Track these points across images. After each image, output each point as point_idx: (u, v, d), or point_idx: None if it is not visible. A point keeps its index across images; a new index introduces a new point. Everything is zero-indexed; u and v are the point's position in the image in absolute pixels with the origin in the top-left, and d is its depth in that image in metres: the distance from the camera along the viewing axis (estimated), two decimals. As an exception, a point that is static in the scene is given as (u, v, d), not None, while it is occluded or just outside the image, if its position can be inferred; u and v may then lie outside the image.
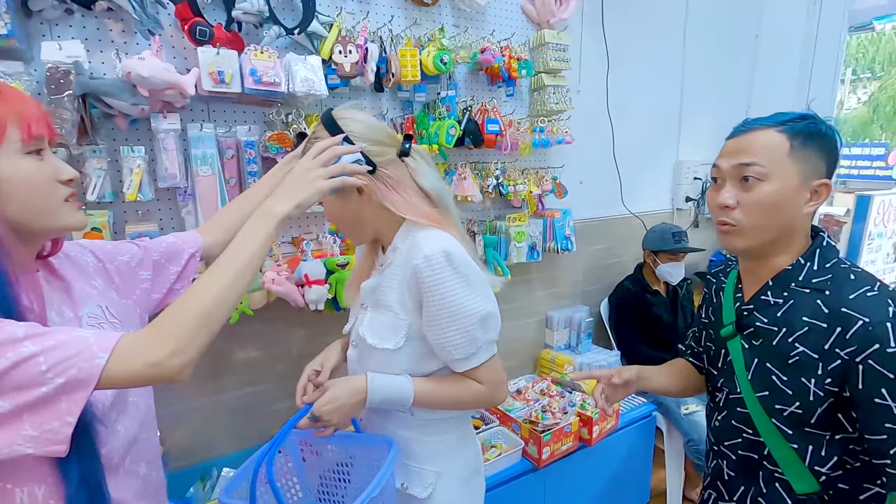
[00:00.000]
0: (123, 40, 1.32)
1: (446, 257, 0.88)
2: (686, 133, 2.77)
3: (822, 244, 0.91)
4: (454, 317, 0.89)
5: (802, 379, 0.85)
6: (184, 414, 1.56)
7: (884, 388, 0.78)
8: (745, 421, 0.95)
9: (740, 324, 0.95)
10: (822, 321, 0.84)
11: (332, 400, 0.92)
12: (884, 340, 0.77)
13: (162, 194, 1.40)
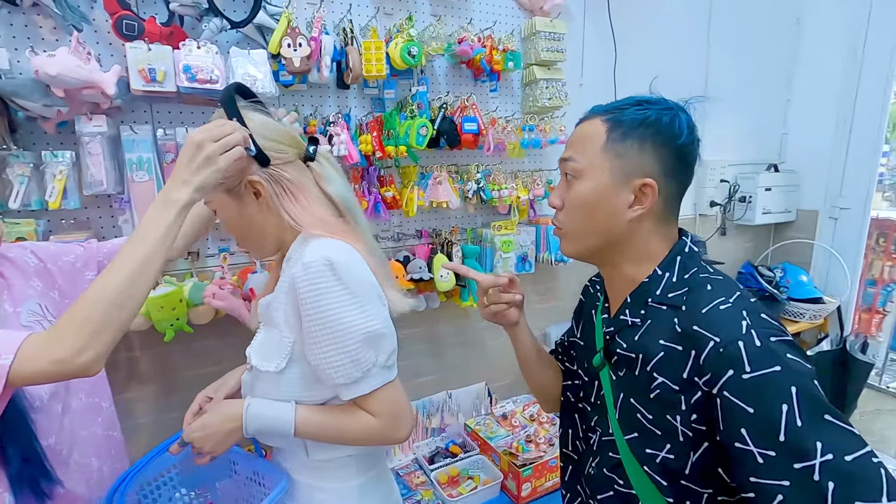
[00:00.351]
0: (55, 38, 1.24)
1: (328, 266, 0.77)
2: (711, 130, 2.48)
3: (683, 250, 0.77)
4: (333, 334, 0.78)
5: (668, 416, 0.69)
6: (133, 430, 1.47)
7: (743, 428, 0.60)
8: (616, 469, 0.78)
9: (607, 350, 0.80)
10: (677, 343, 0.69)
11: (202, 427, 0.86)
12: (737, 364, 0.61)
13: (93, 202, 1.31)
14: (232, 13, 1.37)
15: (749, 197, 2.55)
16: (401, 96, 1.63)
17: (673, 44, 2.26)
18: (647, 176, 0.72)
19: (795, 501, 0.56)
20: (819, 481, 0.54)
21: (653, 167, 0.72)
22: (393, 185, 1.64)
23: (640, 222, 0.75)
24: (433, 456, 1.79)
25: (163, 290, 1.33)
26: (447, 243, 1.75)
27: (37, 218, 1.24)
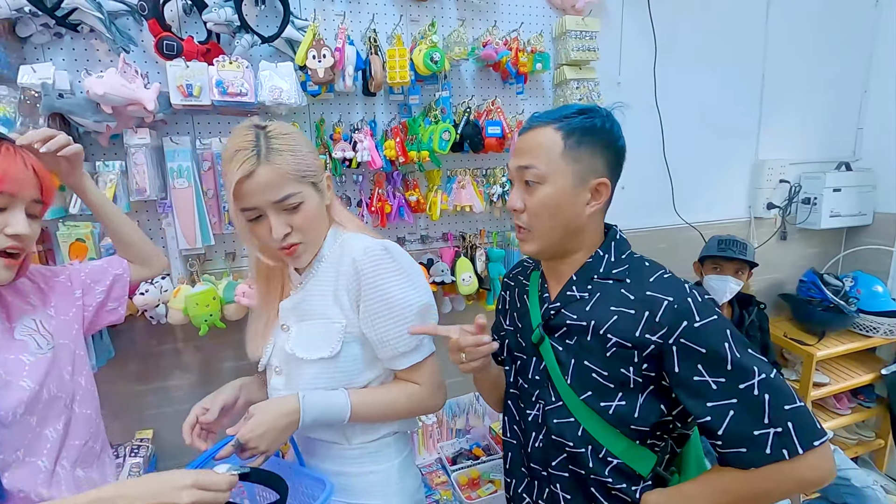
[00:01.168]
0: (109, 59, 1.38)
1: (385, 251, 0.91)
2: (770, 126, 2.30)
3: (615, 237, 0.92)
4: (393, 309, 0.89)
5: (622, 370, 0.82)
6: (173, 416, 1.61)
7: (699, 365, 0.76)
8: (566, 432, 0.87)
9: (549, 325, 0.91)
10: (629, 308, 0.82)
11: (256, 427, 0.86)
12: (690, 316, 0.77)
13: (141, 206, 1.45)
14: (264, 29, 1.45)
15: (814, 199, 2.34)
16: (426, 102, 1.65)
17: (723, 33, 2.12)
18: (600, 176, 0.85)
19: (742, 413, 0.73)
20: (758, 395, 0.73)
21: (603, 168, 0.85)
22: (417, 189, 1.67)
23: (594, 215, 0.87)
24: (456, 457, 1.80)
25: (200, 288, 1.44)
26: (472, 247, 1.75)
27: (93, 221, 1.38)
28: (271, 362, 1.00)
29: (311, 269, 0.96)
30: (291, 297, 0.97)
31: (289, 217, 0.86)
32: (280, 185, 0.84)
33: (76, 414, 0.90)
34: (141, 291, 1.41)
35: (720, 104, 2.17)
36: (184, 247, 1.45)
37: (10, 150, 0.79)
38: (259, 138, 0.85)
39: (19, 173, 0.78)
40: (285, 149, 0.85)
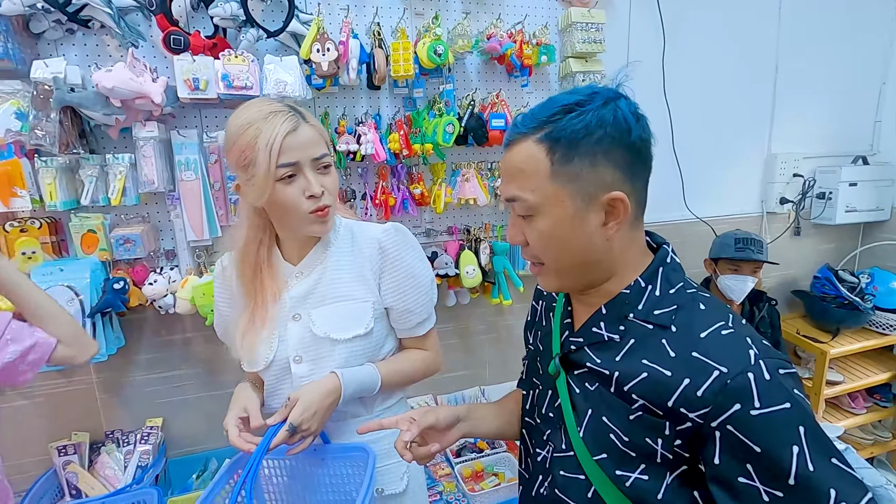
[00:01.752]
0: (119, 55, 1.41)
1: (399, 231, 1.00)
2: (783, 119, 2.25)
3: (665, 260, 0.69)
4: (415, 279, 0.99)
5: (648, 440, 0.63)
6: (182, 405, 1.65)
7: (749, 464, 0.56)
8: (571, 491, 0.71)
9: (568, 359, 0.73)
10: (665, 367, 0.62)
11: (306, 408, 0.87)
12: (746, 398, 0.56)
13: (151, 198, 1.48)
14: (270, 23, 1.47)
15: (829, 193, 2.29)
16: (430, 95, 1.66)
17: (734, 23, 2.08)
18: (611, 189, 0.63)
19: None
20: None
21: (614, 175, 0.63)
22: (422, 182, 1.68)
23: (619, 237, 0.66)
24: (460, 450, 1.81)
25: (207, 279, 1.47)
26: (476, 240, 1.75)
27: (104, 213, 1.42)
28: (287, 354, 0.98)
29: (314, 256, 0.97)
30: (298, 287, 0.96)
31: (321, 177, 0.89)
32: (318, 143, 0.89)
33: None
34: (150, 282, 1.44)
35: (731, 96, 2.14)
36: (191, 238, 1.47)
37: None
38: (287, 106, 0.89)
39: None
40: (313, 118, 0.91)
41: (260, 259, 0.96)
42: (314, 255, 0.97)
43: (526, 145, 0.64)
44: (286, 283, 0.98)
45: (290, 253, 0.99)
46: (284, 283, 0.98)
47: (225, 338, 1.07)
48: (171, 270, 1.49)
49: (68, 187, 1.36)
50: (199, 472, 1.64)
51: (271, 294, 0.95)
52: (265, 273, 0.96)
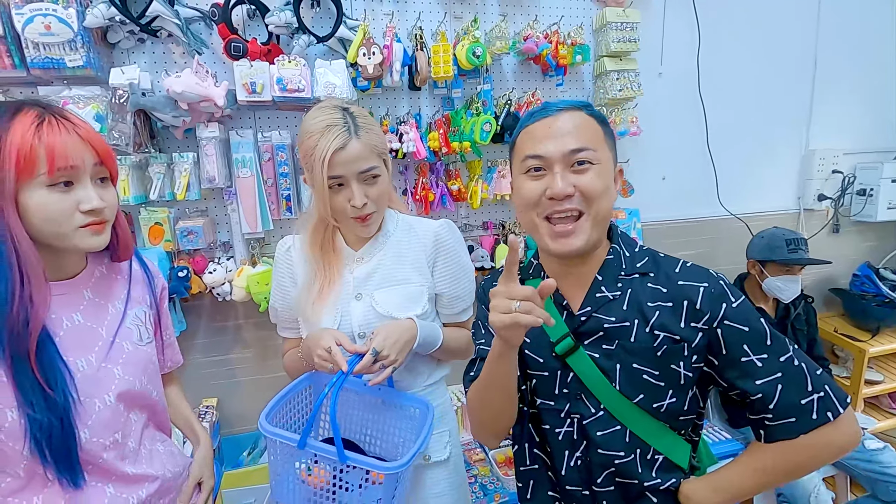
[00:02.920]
0: (184, 61, 1.53)
1: (451, 226, 1.12)
2: (822, 114, 2.23)
3: (618, 231, 0.88)
4: (465, 270, 1.11)
5: (672, 366, 0.79)
6: (234, 387, 1.77)
7: (745, 344, 0.77)
8: (614, 442, 0.81)
9: (577, 333, 0.82)
10: (665, 301, 0.80)
11: (387, 336, 0.94)
12: (726, 298, 0.78)
13: (210, 194, 1.60)
14: (319, 29, 1.57)
15: (870, 190, 2.25)
16: (468, 95, 1.73)
17: (773, 18, 2.08)
18: (617, 163, 0.85)
19: (789, 385, 0.74)
20: (797, 365, 0.75)
21: (616, 156, 0.84)
22: (459, 179, 1.75)
23: None
24: (493, 437, 1.87)
25: (260, 269, 1.58)
26: (511, 234, 1.81)
27: (169, 207, 1.54)
28: (350, 329, 1.04)
29: (375, 244, 1.06)
30: (361, 268, 1.05)
31: (367, 188, 0.97)
32: (367, 157, 0.95)
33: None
34: (209, 270, 1.56)
35: (768, 91, 2.13)
36: (246, 231, 1.59)
37: (52, 122, 0.73)
38: (346, 117, 0.95)
39: (68, 144, 0.72)
40: (368, 127, 0.97)
41: (326, 240, 1.06)
42: (374, 243, 1.07)
43: (579, 113, 0.79)
44: (348, 264, 1.07)
45: (352, 240, 1.08)
46: (346, 263, 1.07)
47: (283, 313, 1.14)
48: (227, 260, 1.61)
49: (139, 184, 1.48)
50: (250, 449, 1.76)
51: (337, 270, 1.05)
52: (330, 252, 1.06)
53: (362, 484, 0.88)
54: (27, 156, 0.70)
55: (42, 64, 1.30)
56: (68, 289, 0.81)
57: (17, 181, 0.70)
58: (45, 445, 0.74)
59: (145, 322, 0.92)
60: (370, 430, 1.09)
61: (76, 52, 1.32)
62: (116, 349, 0.85)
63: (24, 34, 1.27)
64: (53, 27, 1.28)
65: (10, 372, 0.71)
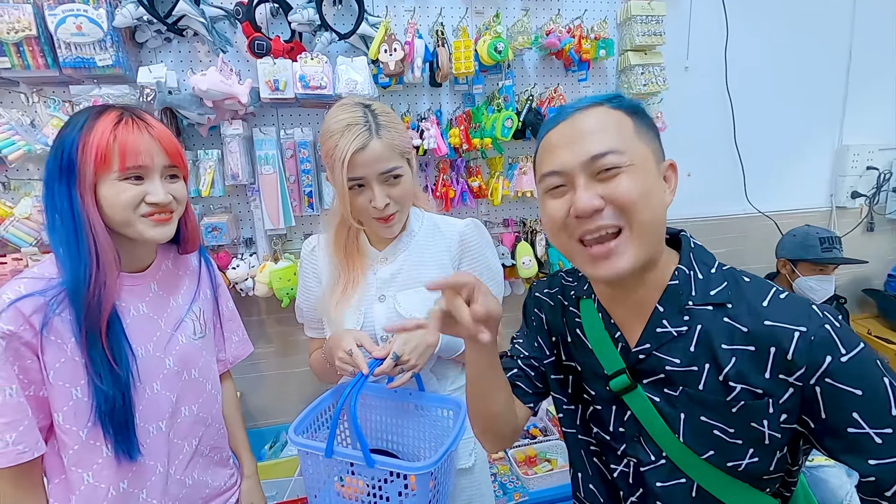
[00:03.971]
0: (209, 60, 1.56)
1: (479, 226, 1.09)
2: (856, 109, 2.15)
3: (691, 245, 0.70)
4: (492, 272, 1.07)
5: (753, 424, 0.63)
6: (257, 381, 1.79)
7: (855, 412, 0.57)
8: (677, 497, 0.69)
9: (635, 369, 0.69)
10: (746, 344, 0.62)
11: (408, 340, 0.92)
12: (833, 349, 0.58)
13: (233, 190, 1.62)
14: (341, 26, 1.57)
15: (907, 187, 2.17)
16: (489, 91, 1.72)
17: (805, 8, 2.01)
18: (665, 158, 0.67)
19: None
20: None
21: (661, 149, 0.67)
22: (480, 176, 1.74)
23: None
24: (513, 435, 1.86)
25: (282, 265, 1.60)
26: (532, 232, 1.80)
27: (194, 203, 1.57)
28: (373, 331, 1.02)
29: (399, 244, 1.04)
30: (385, 269, 1.03)
31: (388, 188, 0.94)
32: (388, 158, 0.92)
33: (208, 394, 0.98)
34: (233, 266, 1.58)
35: (799, 85, 2.07)
36: (269, 227, 1.60)
37: (129, 122, 0.80)
38: (367, 115, 0.93)
39: (140, 142, 0.79)
40: (391, 125, 0.94)
41: (350, 240, 1.05)
42: (398, 243, 1.04)
43: (602, 109, 0.65)
44: (371, 265, 1.06)
45: (376, 240, 1.06)
46: (370, 264, 1.06)
47: (308, 313, 1.14)
48: (250, 256, 1.63)
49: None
50: (272, 443, 1.78)
51: (360, 271, 1.04)
52: (354, 253, 1.05)
53: (402, 492, 0.85)
54: (104, 152, 0.78)
55: (74, 63, 1.33)
56: (137, 281, 0.89)
57: (96, 174, 0.78)
58: (108, 418, 0.81)
59: (201, 317, 0.99)
60: (392, 437, 1.07)
61: (106, 52, 1.34)
62: (172, 341, 0.92)
63: (56, 34, 1.30)
64: (84, 27, 1.31)
65: (83, 346, 0.79)
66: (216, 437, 1.02)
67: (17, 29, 1.29)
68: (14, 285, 0.78)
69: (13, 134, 1.36)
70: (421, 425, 1.03)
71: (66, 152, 0.78)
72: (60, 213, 0.79)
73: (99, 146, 0.77)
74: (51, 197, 0.80)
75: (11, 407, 0.76)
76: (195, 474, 0.96)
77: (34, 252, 1.43)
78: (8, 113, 1.38)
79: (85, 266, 0.78)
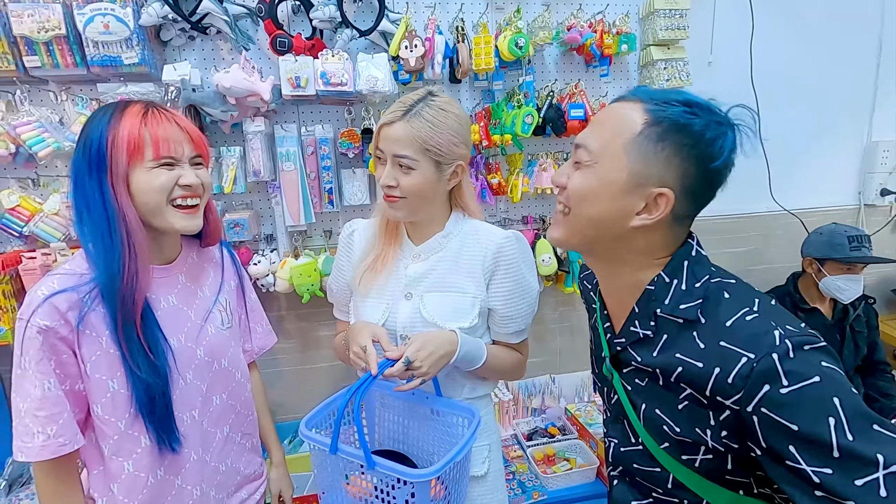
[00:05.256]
0: (231, 57, 1.57)
1: (520, 240, 1.03)
2: (886, 103, 2.09)
3: (689, 254, 0.69)
4: (525, 291, 1.03)
5: (697, 429, 0.65)
6: (276, 376, 1.81)
7: (791, 446, 0.56)
8: (654, 479, 0.73)
9: (616, 358, 0.76)
10: (696, 359, 0.64)
11: (423, 346, 0.91)
12: (773, 378, 0.57)
13: (255, 187, 1.63)
14: (361, 23, 1.57)
15: (940, 184, 2.10)
16: (509, 87, 1.70)
17: (830, 5, 1.96)
18: (664, 186, 0.64)
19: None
20: (887, 497, 0.51)
21: (674, 180, 0.64)
22: (499, 172, 1.73)
23: (644, 231, 0.67)
24: (531, 434, 1.85)
25: (303, 261, 1.61)
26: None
27: (217, 200, 1.59)
28: (394, 329, 1.02)
29: (433, 243, 1.03)
30: (416, 266, 1.02)
31: (399, 174, 0.94)
32: (404, 144, 0.92)
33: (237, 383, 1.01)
34: (254, 262, 1.60)
35: (827, 79, 2.01)
36: (289, 223, 1.61)
37: (155, 113, 0.82)
38: (420, 101, 0.94)
39: (169, 130, 0.82)
40: (430, 119, 0.93)
41: (391, 223, 1.06)
42: (434, 241, 1.03)
43: (632, 106, 0.66)
44: (404, 258, 1.05)
45: (413, 232, 1.05)
46: (402, 256, 1.05)
47: (339, 294, 1.14)
48: (270, 252, 1.64)
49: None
50: (290, 438, 1.80)
51: (393, 253, 1.04)
52: (393, 230, 1.06)
53: (408, 500, 0.83)
54: (136, 141, 0.79)
55: (101, 62, 1.36)
56: (166, 273, 0.90)
57: (129, 164, 0.79)
58: (147, 409, 0.83)
59: (227, 308, 1.01)
60: (406, 439, 1.06)
61: (132, 50, 1.37)
62: (203, 332, 0.94)
63: (84, 33, 1.32)
64: (112, 26, 1.33)
65: (120, 338, 0.80)
66: (246, 424, 1.05)
67: (46, 28, 1.31)
68: (47, 281, 0.80)
69: (43, 131, 1.39)
70: (435, 430, 1.02)
71: (95, 146, 0.79)
72: (91, 208, 0.80)
73: (131, 136, 0.79)
74: (81, 192, 0.81)
75: (51, 400, 0.78)
76: (228, 461, 1.00)
77: (62, 247, 1.46)
78: (38, 111, 1.41)
79: (118, 258, 0.79)
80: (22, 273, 1.44)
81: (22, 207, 1.45)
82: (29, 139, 1.37)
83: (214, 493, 0.96)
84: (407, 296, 1.02)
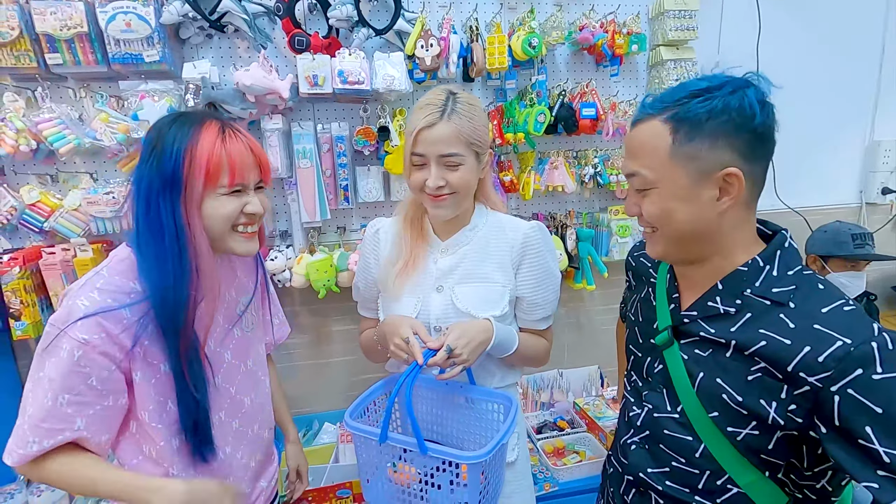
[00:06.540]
0: (248, 55, 1.59)
1: (545, 230, 1.08)
2: (888, 104, 2.13)
3: (783, 244, 0.74)
4: (550, 278, 1.07)
5: (762, 400, 0.68)
6: (291, 371, 1.83)
7: (868, 427, 0.60)
8: (682, 448, 0.77)
9: (678, 330, 0.80)
10: (784, 336, 0.67)
11: (462, 334, 0.93)
12: (868, 364, 0.61)
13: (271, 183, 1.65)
14: (377, 22, 1.59)
15: (940, 183, 2.14)
16: (522, 86, 1.73)
17: (834, 6, 1.99)
18: (727, 166, 0.68)
19: None
20: None
21: (732, 156, 0.68)
22: (511, 170, 1.76)
23: (731, 213, 0.71)
24: (541, 427, 1.88)
25: (318, 257, 1.63)
26: (562, 226, 1.81)
27: (233, 196, 1.60)
28: (427, 321, 1.04)
29: (460, 237, 1.06)
30: (445, 260, 1.05)
31: (446, 173, 0.96)
32: (450, 142, 0.94)
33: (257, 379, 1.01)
34: (270, 258, 1.62)
35: (830, 79, 2.05)
36: (305, 220, 1.63)
37: (231, 135, 0.80)
38: (448, 100, 0.96)
39: (244, 156, 0.80)
40: (465, 114, 0.96)
41: (416, 218, 1.08)
42: (461, 235, 1.06)
43: (651, 124, 0.71)
44: (432, 253, 1.08)
45: (439, 228, 1.08)
46: (430, 252, 1.08)
47: (365, 292, 1.17)
48: (286, 248, 1.66)
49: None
50: (305, 431, 1.82)
51: (421, 253, 1.07)
52: (418, 230, 1.08)
53: (453, 480, 0.86)
54: (214, 168, 0.77)
55: (122, 59, 1.37)
56: None
57: (204, 189, 0.78)
58: (190, 426, 0.83)
59: (251, 309, 1.00)
60: (439, 428, 1.08)
61: (153, 48, 1.38)
62: (229, 335, 0.93)
63: (106, 31, 1.34)
64: (133, 24, 1.34)
65: (182, 362, 0.80)
66: (270, 420, 1.07)
67: (69, 26, 1.33)
68: (88, 293, 0.75)
69: (63, 128, 1.40)
70: (468, 419, 1.05)
71: (171, 164, 0.76)
72: (162, 230, 0.76)
73: (210, 161, 0.76)
74: (146, 207, 0.77)
75: (58, 416, 0.74)
76: (257, 455, 1.01)
77: (82, 243, 1.48)
78: (58, 108, 1.43)
79: (186, 285, 0.77)
80: (42, 268, 1.46)
81: (42, 203, 1.46)
82: (50, 135, 1.38)
83: (243, 487, 0.98)
84: (438, 289, 1.05)
